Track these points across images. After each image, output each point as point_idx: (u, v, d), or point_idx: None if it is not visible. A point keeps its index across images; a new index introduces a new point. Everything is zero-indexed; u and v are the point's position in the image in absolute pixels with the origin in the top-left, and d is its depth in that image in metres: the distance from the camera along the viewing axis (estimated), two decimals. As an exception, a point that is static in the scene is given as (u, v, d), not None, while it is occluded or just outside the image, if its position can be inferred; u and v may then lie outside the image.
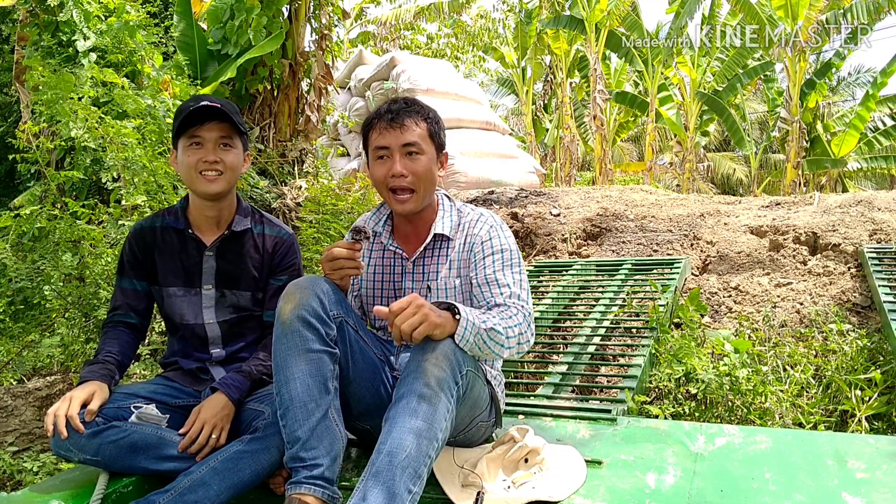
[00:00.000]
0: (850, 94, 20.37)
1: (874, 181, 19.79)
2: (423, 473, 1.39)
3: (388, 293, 1.87)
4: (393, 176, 1.73)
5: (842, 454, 1.68)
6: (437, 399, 1.44)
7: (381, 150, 1.75)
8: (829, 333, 2.91)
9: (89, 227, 3.43)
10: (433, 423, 1.42)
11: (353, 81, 9.94)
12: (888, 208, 4.78)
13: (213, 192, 1.86)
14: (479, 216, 1.83)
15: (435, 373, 1.45)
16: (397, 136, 1.73)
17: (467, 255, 1.79)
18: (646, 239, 4.82)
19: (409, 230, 1.86)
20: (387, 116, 1.74)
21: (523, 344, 1.65)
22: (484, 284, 1.72)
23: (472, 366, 1.58)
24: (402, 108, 1.76)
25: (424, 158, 1.75)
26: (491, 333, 1.54)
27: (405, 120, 1.73)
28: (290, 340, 1.55)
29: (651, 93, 14.76)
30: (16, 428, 2.82)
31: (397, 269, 1.86)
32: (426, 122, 1.77)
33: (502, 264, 1.74)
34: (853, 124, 13.84)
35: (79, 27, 5.42)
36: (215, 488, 1.60)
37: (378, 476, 1.35)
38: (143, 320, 1.97)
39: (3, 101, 10.96)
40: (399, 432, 1.40)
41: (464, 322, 1.51)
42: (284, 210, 5.08)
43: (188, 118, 1.82)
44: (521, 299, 1.70)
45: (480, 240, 1.77)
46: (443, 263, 1.81)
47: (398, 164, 1.72)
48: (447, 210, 1.85)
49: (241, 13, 5.76)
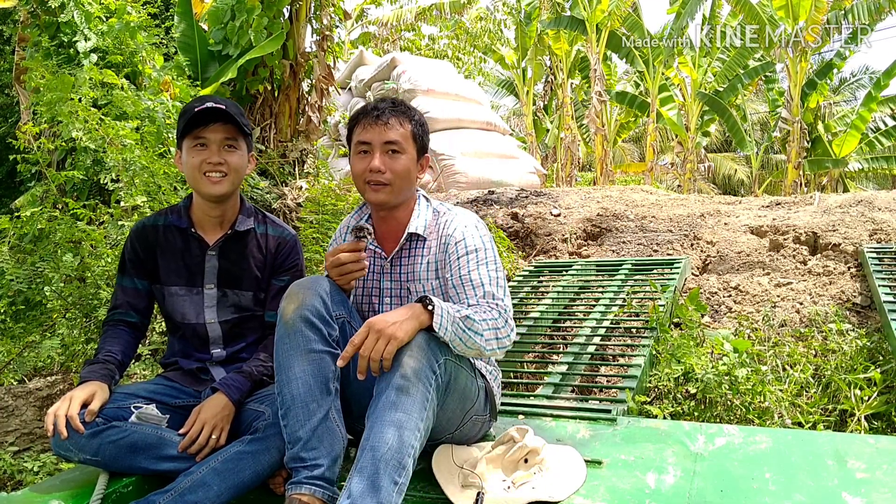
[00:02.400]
0: (853, 95, 20.34)
1: (875, 182, 19.76)
2: (407, 464, 1.40)
3: (368, 292, 1.88)
4: (371, 171, 1.74)
5: (842, 454, 1.68)
6: (414, 389, 1.44)
7: (363, 144, 1.77)
8: (829, 333, 2.91)
9: (90, 227, 3.43)
10: (412, 413, 1.43)
11: (354, 82, 9.95)
12: (888, 208, 4.77)
13: (217, 194, 1.86)
14: (455, 216, 1.83)
15: (410, 364, 1.46)
16: (380, 133, 1.75)
17: (443, 255, 1.79)
18: (646, 239, 4.81)
19: (384, 230, 1.87)
20: (372, 113, 1.77)
21: (503, 339, 1.63)
22: (459, 286, 1.72)
23: (452, 356, 1.57)
24: (389, 107, 1.79)
25: (404, 158, 1.77)
26: (466, 322, 1.54)
27: (390, 118, 1.76)
28: (293, 340, 1.56)
29: (652, 93, 14.76)
30: (16, 428, 2.82)
31: (376, 269, 1.87)
32: (411, 123, 1.79)
33: (476, 263, 1.73)
34: (854, 125, 13.83)
35: (80, 28, 5.43)
36: (215, 489, 1.60)
37: (362, 472, 1.37)
38: (144, 319, 1.97)
39: (4, 102, 10.98)
40: (380, 426, 1.41)
41: (438, 310, 1.50)
42: (285, 210, 5.08)
43: (193, 119, 1.81)
44: (495, 297, 1.68)
45: (454, 240, 1.77)
46: (419, 263, 1.82)
47: (377, 159, 1.74)
48: (423, 210, 1.86)
49: (242, 14, 5.76)
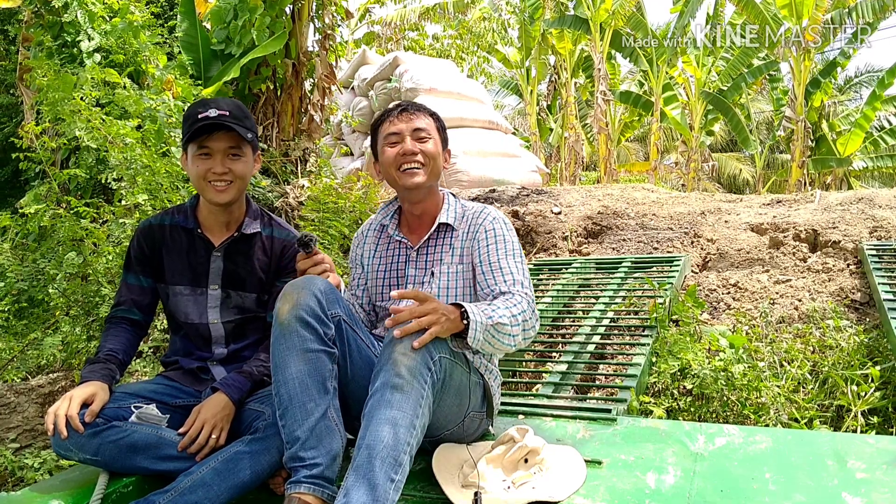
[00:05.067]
0: (858, 94, 20.23)
1: (881, 180, 19.65)
2: (403, 461, 1.41)
3: (391, 281, 1.93)
4: (404, 154, 1.83)
5: (842, 454, 1.67)
6: (409, 387, 1.46)
7: (393, 136, 1.86)
8: (826, 329, 2.90)
9: (92, 225, 3.44)
10: (407, 411, 1.44)
11: (357, 81, 9.95)
12: (889, 206, 4.76)
13: (222, 202, 1.88)
14: (483, 209, 1.92)
15: (405, 362, 1.48)
16: (408, 122, 1.86)
17: (470, 242, 1.86)
18: (646, 237, 4.80)
19: (414, 221, 1.95)
20: (397, 110, 1.90)
21: (529, 331, 1.70)
22: (488, 271, 1.79)
23: (447, 353, 1.59)
24: (411, 105, 1.92)
25: (434, 142, 1.88)
26: (498, 327, 1.59)
27: (414, 111, 1.89)
28: (289, 340, 1.56)
29: (656, 92, 14.73)
30: (18, 424, 2.83)
31: (401, 259, 1.93)
32: (432, 118, 1.93)
33: (505, 252, 1.81)
34: (859, 123, 13.77)
35: (83, 28, 5.44)
36: (216, 489, 1.60)
37: (359, 470, 1.38)
38: (147, 317, 1.98)
39: (9, 102, 11.01)
40: (375, 425, 1.42)
41: (473, 325, 1.55)
42: (287, 209, 5.08)
43: (197, 129, 1.81)
44: (524, 287, 1.76)
45: (484, 229, 1.85)
46: (446, 251, 1.88)
47: (409, 144, 1.84)
48: (451, 204, 1.94)
49: (245, 13, 5.77)
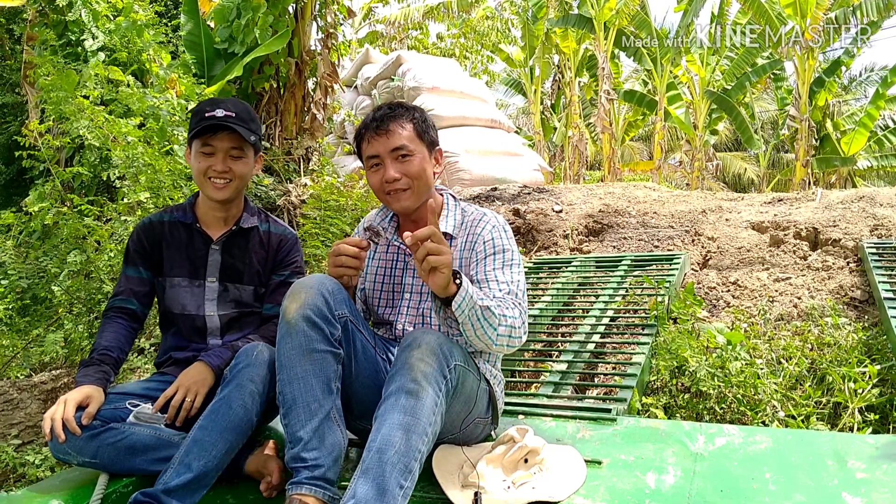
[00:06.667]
0: (863, 93, 20.14)
1: (886, 180, 19.57)
2: (413, 468, 1.40)
3: (389, 287, 1.89)
4: (387, 182, 1.76)
5: (842, 454, 1.67)
6: (424, 394, 1.44)
7: (373, 158, 1.78)
8: (825, 327, 2.89)
9: (96, 223, 3.46)
10: (421, 417, 1.43)
11: (360, 80, 9.96)
12: (890, 204, 4.74)
13: (220, 199, 1.94)
14: (483, 216, 1.85)
15: (421, 367, 1.46)
16: (384, 143, 1.75)
17: (469, 253, 1.80)
18: (647, 235, 4.80)
19: (412, 228, 1.86)
20: (372, 125, 1.77)
21: (515, 339, 1.64)
22: (483, 281, 1.74)
23: (462, 360, 1.58)
24: (386, 113, 1.79)
25: (416, 159, 1.77)
26: (486, 312, 1.54)
27: (390, 125, 1.76)
28: (295, 340, 1.55)
29: (660, 91, 14.69)
30: (21, 420, 2.84)
31: (399, 265, 1.88)
32: (412, 122, 1.79)
33: (503, 263, 1.76)
34: (863, 122, 13.73)
35: (87, 27, 5.46)
36: (209, 439, 1.59)
37: (368, 473, 1.36)
38: (144, 308, 1.99)
39: (14, 101, 11.03)
40: (388, 429, 1.40)
41: (462, 290, 1.50)
42: (289, 207, 5.09)
43: (203, 126, 1.86)
44: (518, 297, 1.71)
45: (483, 239, 1.79)
46: None
47: (390, 169, 1.75)
48: (451, 209, 1.87)
49: (248, 12, 5.78)
